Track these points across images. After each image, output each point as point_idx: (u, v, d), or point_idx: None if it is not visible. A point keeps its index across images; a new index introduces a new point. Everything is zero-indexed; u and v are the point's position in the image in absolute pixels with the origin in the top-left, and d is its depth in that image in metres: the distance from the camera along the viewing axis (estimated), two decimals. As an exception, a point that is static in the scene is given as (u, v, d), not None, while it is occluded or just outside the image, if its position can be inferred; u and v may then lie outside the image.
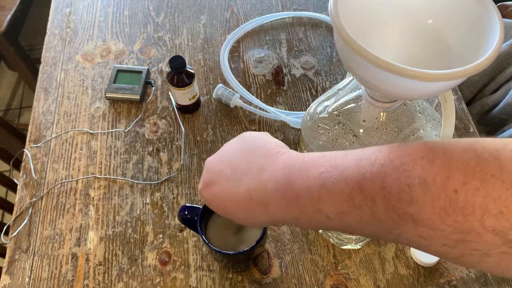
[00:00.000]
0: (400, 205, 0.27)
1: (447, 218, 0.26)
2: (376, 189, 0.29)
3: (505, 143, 0.26)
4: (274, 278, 0.60)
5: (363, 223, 0.30)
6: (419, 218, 0.27)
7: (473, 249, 0.26)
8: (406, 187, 0.27)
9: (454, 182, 0.26)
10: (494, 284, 0.59)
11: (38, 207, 0.66)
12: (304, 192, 0.32)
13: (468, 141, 0.28)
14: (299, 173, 0.34)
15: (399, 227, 0.28)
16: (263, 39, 0.85)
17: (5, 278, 0.60)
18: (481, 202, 0.25)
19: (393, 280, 0.59)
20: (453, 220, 0.26)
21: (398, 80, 0.34)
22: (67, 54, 0.84)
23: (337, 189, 0.31)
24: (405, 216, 0.27)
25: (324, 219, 0.32)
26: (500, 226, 0.24)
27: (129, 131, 0.73)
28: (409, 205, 0.27)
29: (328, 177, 0.31)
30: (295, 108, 0.76)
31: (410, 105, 0.48)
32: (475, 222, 0.25)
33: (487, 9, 0.36)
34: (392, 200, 0.28)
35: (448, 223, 0.26)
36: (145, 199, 0.66)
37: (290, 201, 0.33)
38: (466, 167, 0.26)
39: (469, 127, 0.73)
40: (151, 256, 0.61)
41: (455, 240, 0.26)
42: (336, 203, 0.31)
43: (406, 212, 0.27)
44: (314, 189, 0.32)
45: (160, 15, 0.89)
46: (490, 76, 0.86)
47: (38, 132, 0.74)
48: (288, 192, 0.34)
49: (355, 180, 0.30)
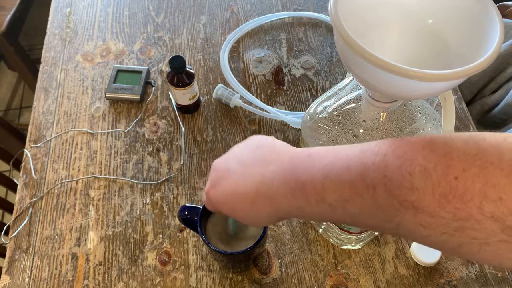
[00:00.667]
0: (401, 192, 0.28)
1: (446, 204, 0.26)
2: (378, 177, 0.29)
3: (505, 136, 0.27)
4: (274, 278, 0.60)
5: (365, 211, 0.31)
6: (419, 205, 0.27)
7: (472, 237, 0.26)
8: (407, 175, 0.28)
9: (454, 170, 0.26)
10: (494, 284, 0.59)
11: (38, 207, 0.66)
12: (309, 182, 0.33)
13: (469, 134, 0.28)
14: (304, 165, 0.35)
15: (400, 215, 0.29)
16: (263, 39, 0.85)
17: (5, 278, 0.60)
18: (480, 189, 0.25)
19: (393, 280, 0.59)
20: (452, 207, 0.26)
21: (398, 80, 0.34)
22: (67, 54, 0.84)
23: (340, 178, 0.31)
24: (406, 203, 0.28)
25: (327, 208, 0.33)
26: (498, 212, 0.25)
27: (129, 131, 0.73)
28: (409, 192, 0.28)
29: (332, 168, 0.32)
30: (295, 108, 0.76)
31: (410, 105, 0.48)
32: (474, 208, 0.25)
33: (487, 9, 0.36)
34: (393, 188, 0.28)
35: (447, 209, 0.26)
36: (145, 199, 0.66)
37: (295, 191, 0.34)
38: (467, 156, 0.27)
39: (469, 127, 0.73)
40: (151, 256, 0.61)
41: (455, 228, 0.27)
42: (338, 191, 0.32)
43: (406, 199, 0.28)
44: (318, 179, 0.33)
45: (160, 15, 0.89)
46: (490, 76, 0.86)
47: (38, 132, 0.74)
48: (293, 182, 0.34)
49: (358, 169, 0.31)
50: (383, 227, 0.32)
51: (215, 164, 0.42)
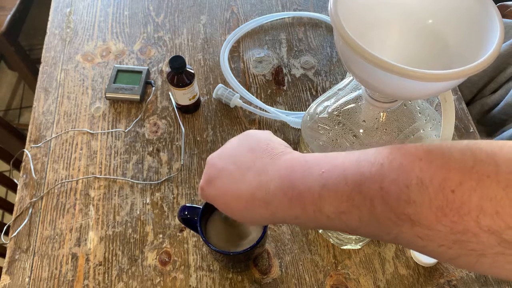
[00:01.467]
0: (398, 205, 0.28)
1: (443, 218, 0.26)
2: (375, 189, 0.29)
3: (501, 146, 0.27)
4: (274, 278, 0.60)
5: (363, 223, 0.31)
6: (416, 218, 0.27)
7: (470, 249, 0.26)
8: (404, 188, 0.27)
9: (451, 182, 0.26)
10: (494, 284, 0.59)
11: (38, 207, 0.66)
12: (306, 192, 0.33)
13: (466, 143, 0.28)
14: (301, 173, 0.34)
15: (397, 228, 0.28)
16: (263, 39, 0.85)
17: (5, 278, 0.60)
18: (477, 202, 0.25)
19: (393, 280, 0.59)
20: (449, 220, 0.26)
21: (398, 80, 0.34)
22: (67, 54, 0.84)
23: (337, 189, 0.31)
24: (403, 216, 0.28)
25: (324, 219, 0.32)
26: (495, 226, 0.25)
27: (129, 131, 0.73)
28: (406, 205, 0.27)
29: (329, 177, 0.32)
30: (295, 108, 0.76)
31: (410, 105, 0.48)
32: (471, 222, 0.25)
33: (487, 9, 0.36)
34: (390, 201, 0.28)
35: (444, 223, 0.26)
36: (145, 199, 0.66)
37: (292, 200, 0.34)
38: (463, 167, 0.26)
39: (469, 127, 0.73)
40: (151, 256, 0.61)
41: (452, 241, 0.26)
42: (336, 202, 0.31)
43: (403, 212, 0.28)
44: (315, 189, 0.32)
45: (160, 15, 0.89)
46: (490, 76, 0.86)
47: (38, 132, 0.74)
48: (290, 191, 0.34)
49: (355, 180, 0.30)
50: (382, 237, 0.31)
51: (211, 160, 0.42)
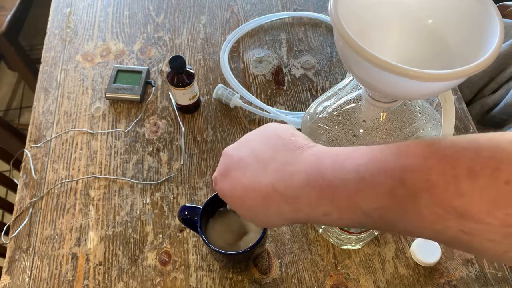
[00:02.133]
0: (446, 198, 0.26)
1: (495, 211, 0.25)
2: (419, 182, 0.27)
3: None
4: (274, 278, 0.60)
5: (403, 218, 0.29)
6: (465, 211, 0.25)
7: None
8: (452, 179, 0.26)
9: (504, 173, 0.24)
10: (494, 284, 0.59)
11: (38, 207, 0.66)
12: (340, 186, 0.30)
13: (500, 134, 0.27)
14: (332, 166, 0.31)
15: (442, 222, 0.27)
16: (263, 39, 0.85)
17: (5, 278, 0.60)
18: None
19: (393, 280, 0.59)
20: (502, 213, 0.24)
21: (398, 80, 0.34)
22: (67, 54, 0.84)
23: (377, 182, 0.29)
24: (450, 209, 0.26)
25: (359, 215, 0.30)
26: None
27: (129, 131, 0.73)
28: (455, 197, 0.26)
29: (367, 170, 0.29)
30: (295, 108, 0.76)
31: (410, 105, 0.48)
32: None
33: (487, 9, 0.36)
34: (436, 194, 0.26)
35: (496, 216, 0.25)
36: (145, 199, 0.66)
37: (322, 195, 0.31)
38: None
39: (469, 127, 0.73)
40: (151, 256, 0.61)
41: (503, 235, 0.25)
42: (375, 196, 0.29)
43: (451, 205, 0.26)
44: (351, 182, 0.30)
45: (160, 15, 0.89)
46: (490, 76, 0.86)
47: (38, 132, 0.74)
48: (319, 185, 0.31)
49: (396, 172, 0.28)
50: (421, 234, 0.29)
51: (227, 151, 0.39)
